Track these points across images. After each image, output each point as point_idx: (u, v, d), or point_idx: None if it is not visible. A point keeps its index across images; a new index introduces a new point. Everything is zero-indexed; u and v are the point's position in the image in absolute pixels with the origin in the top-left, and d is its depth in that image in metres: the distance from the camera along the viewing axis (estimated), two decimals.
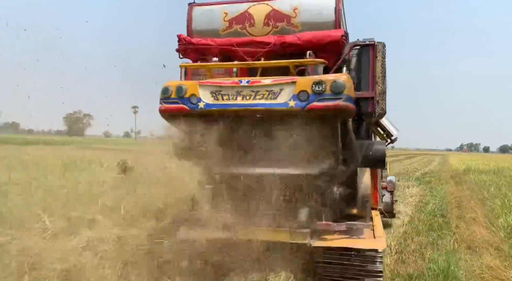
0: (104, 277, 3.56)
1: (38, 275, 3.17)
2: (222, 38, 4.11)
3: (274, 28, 4.04)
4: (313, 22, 3.94)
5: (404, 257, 5.05)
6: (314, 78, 3.36)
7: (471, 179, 13.66)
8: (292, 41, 3.85)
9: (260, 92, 3.41)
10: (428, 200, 10.28)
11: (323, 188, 3.77)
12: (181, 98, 3.57)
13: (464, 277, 3.53)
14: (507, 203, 7.24)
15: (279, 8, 4.04)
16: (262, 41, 3.94)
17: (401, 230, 6.79)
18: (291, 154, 3.49)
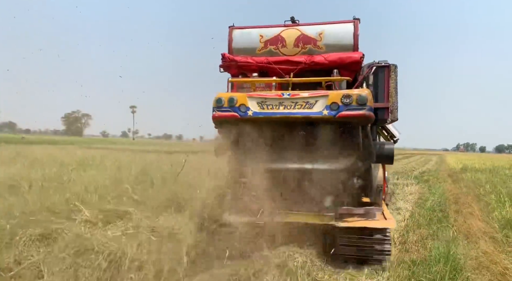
0: (143, 261, 4.00)
1: (89, 257, 3.60)
2: (258, 56, 4.97)
3: (303, 49, 4.93)
4: (335, 45, 4.83)
5: (407, 247, 5.50)
6: (343, 92, 4.16)
7: (468, 177, 14.15)
8: (319, 61, 4.73)
9: (299, 103, 4.21)
10: (427, 197, 10.74)
11: (346, 180, 4.52)
12: (232, 107, 4.35)
13: (462, 260, 3.97)
14: (501, 198, 7.72)
15: (306, 32, 4.93)
16: (295, 60, 4.79)
17: (402, 224, 7.24)
18: (322, 152, 4.40)
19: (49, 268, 3.29)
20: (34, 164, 9.10)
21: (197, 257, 4.68)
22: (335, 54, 4.74)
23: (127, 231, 4.34)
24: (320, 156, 4.44)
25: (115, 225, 4.53)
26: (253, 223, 4.39)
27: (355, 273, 4.52)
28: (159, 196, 5.82)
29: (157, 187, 6.38)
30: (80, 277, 3.40)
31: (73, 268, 3.41)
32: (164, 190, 6.16)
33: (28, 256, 3.37)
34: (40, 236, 3.65)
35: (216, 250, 4.83)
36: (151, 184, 6.51)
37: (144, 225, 4.58)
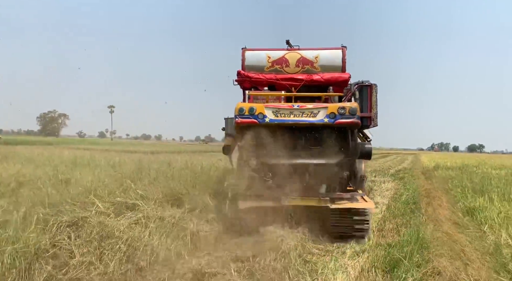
0: (154, 245, 4.53)
1: (111, 241, 4.11)
2: (266, 73, 6.14)
3: (302, 69, 6.15)
4: (328, 66, 6.11)
5: (384, 233, 6.24)
6: (339, 105, 5.49)
7: (439, 174, 15.19)
8: (317, 79, 6.02)
9: (305, 113, 5.46)
10: (402, 192, 11.61)
11: (337, 172, 5.71)
12: (252, 115, 5.48)
13: (428, 240, 4.69)
14: (466, 191, 8.62)
15: (305, 55, 6.15)
16: (297, 78, 6.02)
17: (380, 216, 7.99)
18: (320, 150, 5.64)
19: (79, 250, 3.78)
20: (30, 163, 9.37)
21: (199, 242, 5.27)
22: (329, 74, 6.03)
23: (138, 220, 4.85)
24: (319, 153, 5.67)
25: (125, 216, 5.01)
26: (266, 206, 5.54)
27: (339, 256, 5.20)
28: (159, 190, 6.33)
29: (156, 183, 6.86)
30: (104, 257, 3.91)
31: (98, 250, 3.91)
32: (163, 186, 6.67)
33: (61, 239, 3.85)
34: (69, 223, 4.12)
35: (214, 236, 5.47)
36: (152, 180, 6.98)
37: (152, 215, 5.11)
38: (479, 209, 6.30)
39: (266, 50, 6.28)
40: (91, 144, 51.31)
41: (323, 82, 6.01)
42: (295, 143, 5.71)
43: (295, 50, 6.24)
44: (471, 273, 3.20)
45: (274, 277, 4.22)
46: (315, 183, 5.67)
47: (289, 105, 5.57)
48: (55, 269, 3.48)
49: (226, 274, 4.02)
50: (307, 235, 5.87)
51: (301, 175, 5.64)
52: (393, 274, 4.04)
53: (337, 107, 5.41)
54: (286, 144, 5.63)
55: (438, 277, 3.33)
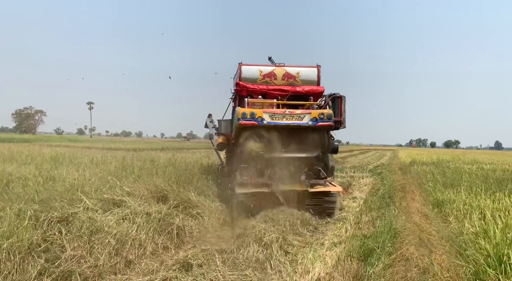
0: (142, 240, 4.72)
1: (100, 236, 4.28)
2: (258, 84, 7.53)
3: (287, 82, 7.66)
4: (307, 80, 7.73)
5: (360, 226, 6.60)
6: (319, 111, 6.96)
7: (415, 169, 15.81)
8: (300, 91, 7.55)
9: (294, 117, 6.82)
10: (379, 187, 12.09)
11: (315, 163, 7.24)
12: (253, 118, 6.70)
13: (400, 230, 5.06)
14: (437, 186, 9.12)
15: (289, 71, 7.70)
16: (284, 89, 7.50)
17: (357, 210, 8.39)
18: (304, 146, 7.04)
19: (70, 244, 3.93)
20: (11, 162, 9.29)
21: (185, 236, 5.49)
22: (309, 86, 7.65)
23: (126, 216, 5.02)
24: (303, 148, 7.07)
25: (113, 211, 5.16)
26: (259, 192, 6.87)
27: (318, 247, 5.52)
28: (144, 187, 6.48)
29: (140, 180, 7.00)
30: (94, 251, 4.08)
31: (89, 245, 4.07)
32: (148, 183, 6.82)
33: (52, 234, 3.98)
34: (59, 218, 4.25)
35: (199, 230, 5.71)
36: (136, 177, 7.11)
37: (139, 211, 5.28)
38: (447, 202, 6.75)
39: (258, 65, 7.71)
40: (70, 141, 50.19)
41: (304, 93, 7.59)
42: (285, 140, 6.96)
43: (281, 67, 7.73)
44: (434, 258, 3.55)
45: (257, 267, 4.49)
46: (298, 172, 7.13)
47: (282, 111, 6.92)
48: (48, 263, 3.63)
49: (211, 265, 4.27)
50: (288, 228, 6.21)
51: (288, 165, 7.00)
52: (366, 262, 4.37)
53: (318, 113, 6.91)
54: (278, 141, 6.89)
55: (405, 262, 3.67)
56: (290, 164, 6.97)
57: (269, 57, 8.10)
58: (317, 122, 6.81)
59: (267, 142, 6.80)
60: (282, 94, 7.44)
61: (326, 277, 4.16)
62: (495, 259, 3.31)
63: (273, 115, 6.76)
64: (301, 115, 6.81)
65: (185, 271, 4.08)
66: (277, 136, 6.82)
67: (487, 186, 8.91)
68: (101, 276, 3.82)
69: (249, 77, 7.54)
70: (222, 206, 7.13)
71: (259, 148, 6.81)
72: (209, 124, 10.01)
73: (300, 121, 6.79)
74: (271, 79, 7.56)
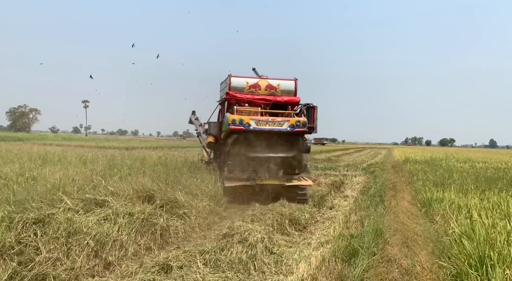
0: (123, 241, 4.62)
1: (78, 237, 4.17)
2: (245, 94, 8.64)
3: (269, 92, 8.81)
4: (286, 91, 8.95)
5: (348, 225, 6.55)
6: (296, 119, 8.22)
7: (408, 167, 15.80)
8: (280, 100, 8.74)
9: (276, 123, 8.05)
10: (371, 186, 12.07)
11: (291, 162, 8.46)
12: (241, 124, 7.89)
13: (385, 229, 5.01)
14: (427, 184, 9.08)
15: (271, 83, 8.88)
16: (267, 98, 8.68)
17: (347, 208, 8.35)
18: (283, 147, 8.33)
19: (45, 246, 3.82)
20: None
21: (169, 237, 5.40)
22: (288, 97, 8.89)
23: (107, 216, 4.91)
24: (282, 149, 8.35)
25: (95, 212, 5.05)
26: (244, 185, 8.15)
27: (305, 247, 5.45)
28: (130, 187, 6.38)
29: (127, 179, 6.89)
30: (71, 253, 3.97)
31: (66, 247, 3.96)
32: (134, 182, 6.71)
33: (26, 236, 3.87)
34: (35, 220, 4.14)
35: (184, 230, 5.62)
36: (124, 176, 7.00)
37: (121, 211, 5.17)
38: (435, 201, 6.70)
39: (245, 77, 8.85)
40: (65, 139, 49.82)
41: (284, 103, 8.81)
42: (267, 143, 8.19)
43: (264, 79, 8.93)
44: (417, 259, 3.49)
45: (240, 268, 4.41)
46: (277, 169, 8.39)
47: (266, 118, 8.17)
48: (21, 266, 3.52)
49: (192, 267, 4.18)
50: (275, 228, 6.13)
51: (268, 163, 8.27)
52: (350, 262, 4.30)
53: (295, 120, 8.21)
54: (261, 143, 8.13)
55: (387, 263, 3.61)
56: (270, 162, 8.32)
57: (253, 68, 9.37)
58: (294, 128, 8.15)
59: (252, 143, 8.12)
60: (265, 103, 8.65)
61: (309, 278, 4.09)
62: (477, 259, 3.26)
63: (258, 122, 8.03)
64: (281, 122, 8.13)
65: (164, 273, 3.98)
66: (261, 139, 8.13)
67: (477, 184, 8.89)
68: (78, 279, 3.72)
69: (237, 87, 8.67)
70: (210, 205, 7.05)
71: (245, 148, 8.13)
72: (195, 121, 11.04)
73: (280, 127, 8.12)
74: (256, 90, 8.71)
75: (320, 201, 9.17)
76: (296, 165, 8.46)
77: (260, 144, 8.08)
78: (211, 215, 6.83)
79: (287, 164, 8.35)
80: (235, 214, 7.34)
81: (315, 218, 7.56)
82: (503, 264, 3.24)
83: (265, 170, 8.17)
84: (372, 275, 3.51)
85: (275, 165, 8.28)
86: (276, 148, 8.22)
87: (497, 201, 6.51)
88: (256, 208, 7.29)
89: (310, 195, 9.05)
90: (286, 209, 7.30)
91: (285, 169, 8.36)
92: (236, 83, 8.64)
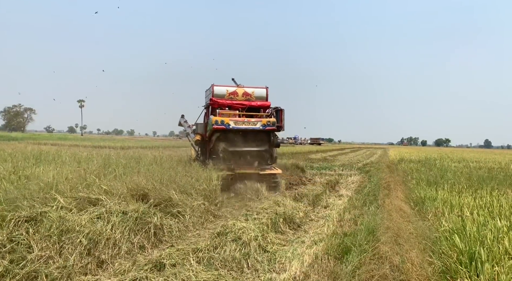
0: (117, 239, 4.61)
1: (71, 236, 4.16)
2: (225, 100, 10.28)
3: (245, 98, 10.41)
4: (259, 97, 10.55)
5: (342, 224, 6.58)
6: (267, 120, 10.05)
7: (402, 167, 15.88)
8: (254, 105, 10.37)
9: (251, 123, 9.79)
10: (365, 185, 12.13)
11: (264, 154, 10.22)
12: (223, 124, 9.59)
13: (377, 227, 5.04)
14: (420, 183, 9.14)
15: (246, 91, 10.47)
16: (244, 103, 10.29)
17: (341, 207, 8.39)
18: (257, 143, 10.13)
19: (37, 244, 3.81)
20: None
21: (163, 235, 5.40)
22: (260, 102, 10.52)
23: (101, 215, 4.90)
24: (256, 144, 10.10)
25: (88, 210, 5.04)
26: (226, 174, 9.17)
27: (298, 245, 5.47)
28: (124, 186, 6.36)
29: (122, 178, 6.87)
30: (64, 252, 3.97)
31: (58, 245, 3.96)
32: (129, 181, 6.69)
33: (18, 234, 3.86)
34: (27, 218, 4.12)
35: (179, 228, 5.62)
36: (119, 175, 6.98)
37: (114, 210, 5.17)
38: (428, 199, 6.75)
39: (225, 86, 10.44)
40: (60, 139, 49.52)
41: (257, 107, 10.45)
42: (244, 139, 9.95)
43: (241, 87, 10.58)
44: (407, 256, 3.52)
45: (233, 266, 4.43)
46: (253, 160, 10.17)
47: (242, 119, 9.87)
48: (12, 264, 3.51)
49: (185, 265, 4.18)
50: (270, 226, 6.15)
51: (246, 156, 10.05)
52: (343, 260, 4.33)
53: (266, 121, 9.99)
54: (239, 139, 9.90)
55: (378, 260, 3.64)
56: (247, 155, 10.07)
57: (232, 78, 11.05)
58: (265, 127, 9.90)
59: (232, 140, 9.85)
60: (242, 107, 10.27)
61: (302, 276, 4.12)
62: (467, 256, 3.30)
63: (236, 122, 9.71)
64: (255, 122, 9.84)
65: (157, 271, 3.99)
66: (238, 136, 9.90)
67: (470, 183, 8.95)
68: (70, 277, 3.71)
69: (219, 94, 10.28)
70: (204, 204, 7.05)
71: (226, 144, 9.83)
72: (184, 123, 12.36)
73: (254, 126, 9.83)
74: (234, 96, 10.34)
75: (315, 200, 9.21)
76: (268, 157, 10.23)
77: (238, 140, 9.88)
78: (205, 214, 6.83)
79: (261, 156, 10.17)
80: (229, 213, 7.36)
81: (309, 216, 7.60)
82: (492, 260, 3.28)
83: (243, 161, 9.98)
84: (363, 271, 3.54)
85: (251, 157, 10.09)
86: (251, 143, 9.99)
87: (489, 199, 6.56)
88: (251, 207, 7.32)
89: (306, 194, 9.59)
90: (281, 208, 7.34)
91: (259, 160, 10.18)
92: (218, 91, 10.24)
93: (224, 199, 8.25)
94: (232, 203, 8.34)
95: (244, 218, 6.46)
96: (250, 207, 7.73)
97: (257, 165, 10.07)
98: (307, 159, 25.30)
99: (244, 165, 9.84)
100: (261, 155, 10.13)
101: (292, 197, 9.48)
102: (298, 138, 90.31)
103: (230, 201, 8.43)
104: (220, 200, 7.89)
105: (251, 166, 9.96)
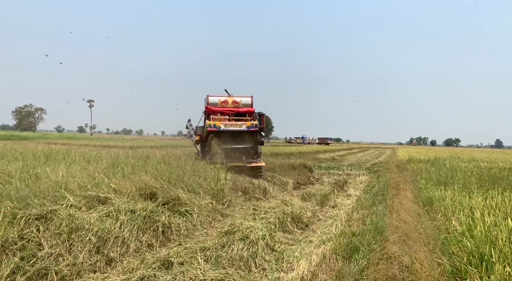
0: (125, 237, 4.65)
1: (81, 233, 4.21)
2: (218, 107, 12.66)
3: (234, 105, 12.78)
4: (245, 104, 12.94)
5: (350, 223, 6.54)
6: (251, 122, 12.48)
7: (411, 167, 15.73)
8: (242, 110, 12.76)
9: (238, 125, 12.33)
10: (374, 185, 12.05)
11: (250, 150, 12.59)
12: (215, 126, 12.04)
13: (385, 227, 5.00)
14: (424, 183, 9.03)
15: (235, 99, 12.90)
16: (233, 110, 12.70)
17: (350, 207, 8.34)
18: (244, 141, 12.60)
19: (48, 241, 3.86)
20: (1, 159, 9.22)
21: (171, 234, 5.43)
22: (246, 108, 12.70)
23: (109, 213, 4.95)
24: (243, 142, 12.39)
25: (97, 209, 5.09)
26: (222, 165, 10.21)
27: (306, 245, 5.45)
28: (133, 185, 6.41)
29: (130, 177, 6.92)
30: (74, 249, 4.01)
31: (68, 242, 4.00)
32: (137, 180, 6.74)
33: (29, 232, 3.91)
34: (38, 216, 4.18)
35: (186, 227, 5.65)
36: (127, 174, 7.03)
37: (123, 208, 5.21)
38: (437, 200, 6.67)
39: (218, 96, 12.77)
40: (69, 138, 50.09)
41: (244, 112, 12.61)
42: (232, 138, 12.25)
43: (232, 97, 12.87)
44: (416, 256, 3.48)
45: (241, 265, 4.43)
46: (241, 155, 12.24)
47: (231, 122, 12.22)
48: (23, 261, 3.56)
49: (193, 263, 4.20)
50: (277, 225, 6.14)
51: (235, 152, 12.20)
52: (351, 259, 4.30)
53: (250, 123, 12.27)
54: (229, 139, 12.21)
55: (387, 261, 3.60)
56: (236, 151, 12.25)
57: (225, 89, 13.38)
58: (250, 128, 12.21)
59: (223, 139, 12.17)
60: (232, 112, 12.53)
61: (309, 275, 4.10)
62: (477, 257, 3.25)
63: (226, 125, 12.08)
64: (241, 124, 12.20)
65: (165, 269, 4.00)
66: (229, 136, 12.22)
67: (480, 183, 8.82)
68: (79, 275, 3.75)
69: (213, 103, 12.62)
70: (212, 203, 7.07)
71: (219, 143, 12.08)
72: (189, 126, 14.62)
73: (241, 128, 12.17)
74: (225, 104, 12.64)
75: (323, 199, 9.18)
76: (253, 153, 12.50)
77: (228, 139, 12.22)
78: (213, 213, 6.85)
79: (247, 152, 12.47)
80: (237, 212, 7.37)
81: (317, 216, 7.58)
82: (503, 261, 3.22)
83: (233, 156, 12.08)
84: (372, 271, 3.51)
85: (239, 153, 12.34)
86: (239, 141, 12.36)
87: (501, 200, 6.46)
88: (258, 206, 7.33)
89: (314, 193, 9.98)
90: (289, 207, 7.33)
91: (246, 155, 12.42)
92: (212, 101, 12.67)
93: (232, 198, 8.25)
94: (239, 202, 8.35)
95: (252, 217, 6.46)
96: (258, 206, 7.73)
97: (244, 159, 12.28)
98: (315, 158, 25.22)
99: (234, 159, 11.89)
100: (247, 151, 12.45)
101: (300, 196, 9.46)
102: (306, 138, 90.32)
103: (237, 200, 8.43)
104: (228, 199, 7.90)
105: (239, 160, 12.10)
